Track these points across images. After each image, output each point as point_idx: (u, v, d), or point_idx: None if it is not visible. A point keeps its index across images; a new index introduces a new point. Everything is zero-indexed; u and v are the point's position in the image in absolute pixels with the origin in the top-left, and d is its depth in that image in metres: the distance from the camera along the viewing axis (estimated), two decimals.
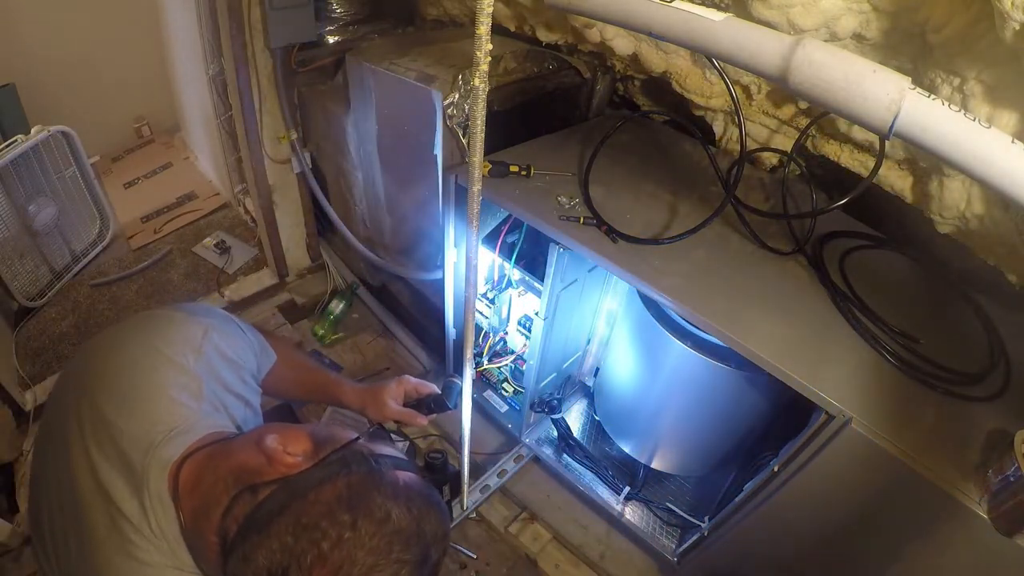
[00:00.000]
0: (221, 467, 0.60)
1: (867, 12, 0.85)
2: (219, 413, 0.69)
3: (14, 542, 1.32)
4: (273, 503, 0.55)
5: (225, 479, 0.58)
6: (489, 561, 1.37)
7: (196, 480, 0.59)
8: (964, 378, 0.85)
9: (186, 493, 0.59)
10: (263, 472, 0.58)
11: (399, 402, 1.04)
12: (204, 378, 0.69)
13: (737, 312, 0.91)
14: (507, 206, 1.10)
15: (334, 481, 0.56)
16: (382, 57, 1.36)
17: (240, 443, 0.63)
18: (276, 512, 0.54)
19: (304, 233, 2.01)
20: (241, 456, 0.60)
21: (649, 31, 0.69)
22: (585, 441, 1.48)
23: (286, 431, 0.61)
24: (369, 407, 1.04)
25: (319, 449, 0.60)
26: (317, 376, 1.06)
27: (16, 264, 1.83)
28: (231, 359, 0.75)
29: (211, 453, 0.61)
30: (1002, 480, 0.68)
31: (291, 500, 0.55)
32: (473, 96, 0.69)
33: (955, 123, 0.56)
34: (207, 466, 0.60)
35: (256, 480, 0.57)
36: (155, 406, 0.63)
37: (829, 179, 1.32)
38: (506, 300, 1.38)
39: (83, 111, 2.46)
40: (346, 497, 0.55)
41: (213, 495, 0.57)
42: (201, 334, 0.72)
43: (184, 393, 0.65)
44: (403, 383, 1.05)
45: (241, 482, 0.57)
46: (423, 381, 1.07)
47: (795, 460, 0.88)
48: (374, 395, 1.03)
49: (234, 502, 0.56)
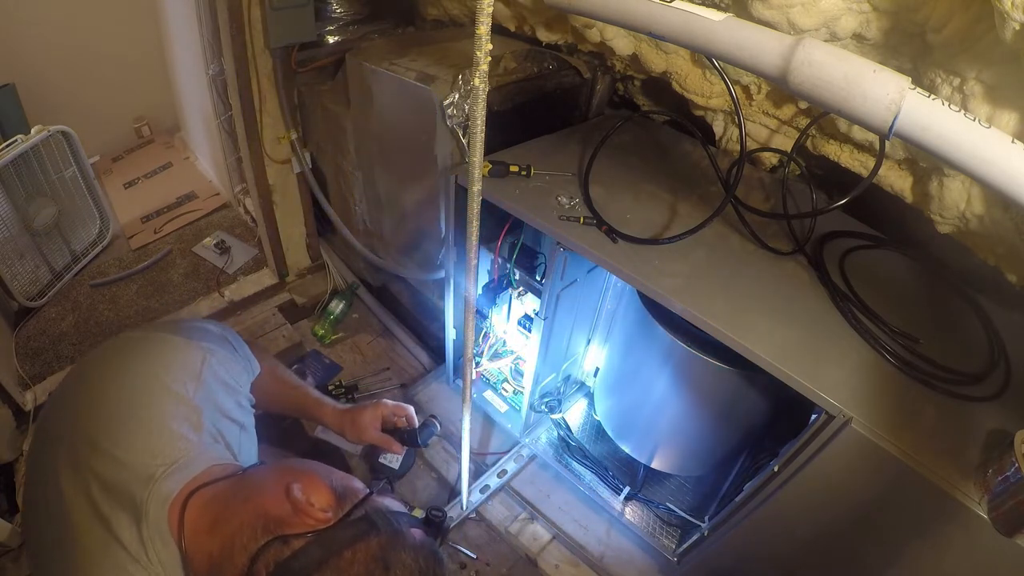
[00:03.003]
0: (244, 511, 0.62)
1: (867, 12, 0.85)
2: (217, 444, 0.71)
3: (14, 542, 1.32)
4: (308, 557, 0.59)
5: (252, 525, 0.61)
6: (489, 561, 1.37)
7: (214, 521, 0.62)
8: (964, 378, 0.85)
9: (201, 532, 0.61)
10: (291, 523, 0.61)
11: (376, 427, 1.06)
12: (203, 408, 0.70)
13: (737, 312, 0.91)
14: (507, 206, 1.10)
15: (367, 540, 0.61)
16: (382, 57, 1.36)
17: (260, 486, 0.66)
18: (313, 567, 0.58)
19: (304, 233, 2.01)
20: (265, 502, 0.63)
21: (649, 31, 0.69)
22: (585, 441, 1.48)
23: (308, 480, 0.65)
24: (348, 430, 1.06)
25: (341, 503, 0.65)
26: (298, 393, 1.08)
27: (16, 264, 1.83)
28: (228, 384, 0.77)
29: (223, 495, 0.64)
30: (1002, 480, 0.68)
31: (328, 556, 0.59)
32: (473, 96, 0.69)
33: (955, 123, 0.56)
34: (224, 508, 0.63)
35: (286, 531, 0.60)
36: (156, 438, 0.65)
37: (829, 179, 1.32)
38: (506, 300, 1.38)
39: (83, 111, 2.46)
40: (380, 557, 0.60)
41: (239, 540, 0.60)
42: (200, 361, 0.74)
43: (184, 425, 0.67)
44: (380, 407, 1.06)
45: (269, 531, 0.60)
46: (400, 404, 1.09)
47: (795, 460, 0.87)
48: (352, 418, 1.05)
49: (264, 550, 0.59)
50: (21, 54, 2.31)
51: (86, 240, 2.14)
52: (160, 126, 2.90)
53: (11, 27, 2.26)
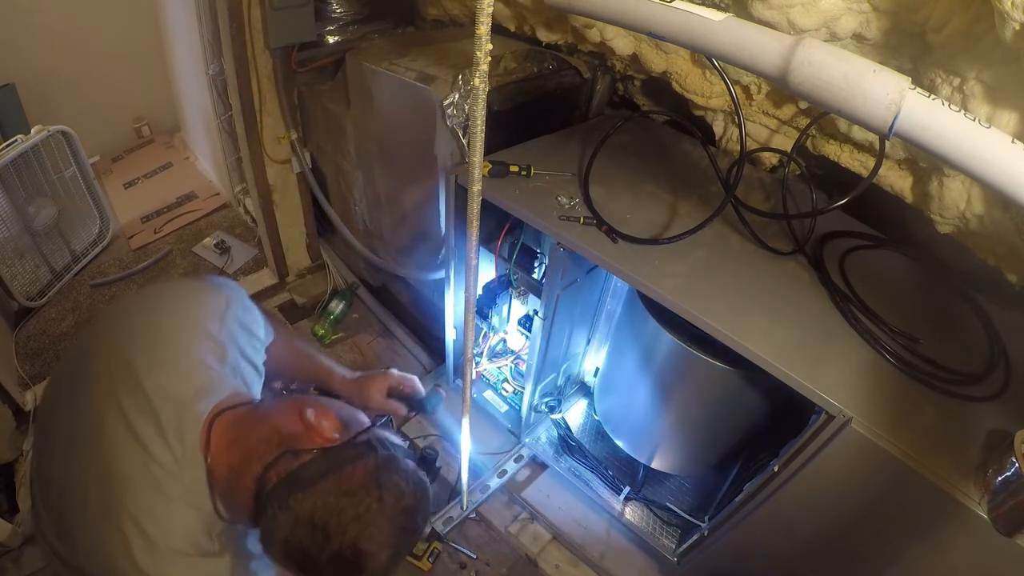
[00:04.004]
0: (261, 428, 0.72)
1: (867, 12, 0.85)
2: (236, 377, 0.80)
3: (14, 542, 1.32)
4: (314, 468, 0.68)
5: (268, 439, 0.71)
6: (489, 561, 1.37)
7: (234, 437, 0.71)
8: (964, 378, 0.85)
9: (223, 447, 0.70)
10: (302, 439, 0.71)
11: (383, 394, 1.12)
12: (227, 345, 0.80)
13: (737, 312, 0.91)
14: (507, 206, 1.10)
15: (365, 460, 0.70)
16: (382, 57, 1.36)
17: (277, 409, 0.76)
18: (319, 476, 0.67)
19: (304, 233, 2.01)
20: (281, 421, 0.73)
21: (649, 31, 0.69)
22: (585, 441, 1.48)
23: (320, 406, 0.74)
24: (356, 396, 1.12)
25: (348, 428, 0.74)
26: (309, 361, 1.15)
27: (16, 264, 1.83)
28: (246, 328, 0.87)
29: (245, 416, 0.73)
30: (1002, 480, 0.68)
31: (331, 469, 0.68)
32: (473, 96, 0.69)
33: (955, 123, 0.56)
34: (245, 426, 0.72)
35: (297, 445, 0.70)
36: (186, 366, 0.74)
37: (829, 179, 1.32)
38: (506, 300, 1.38)
39: (83, 111, 2.46)
40: (375, 475, 0.70)
41: (256, 451, 0.70)
42: (224, 305, 0.83)
43: (210, 356, 0.77)
44: (388, 377, 1.13)
45: (283, 444, 0.70)
46: (406, 375, 1.15)
47: (795, 460, 0.87)
48: (360, 386, 1.12)
49: (277, 460, 0.68)
50: (21, 54, 2.31)
51: (86, 240, 2.14)
52: (160, 126, 2.90)
53: (11, 27, 2.27)
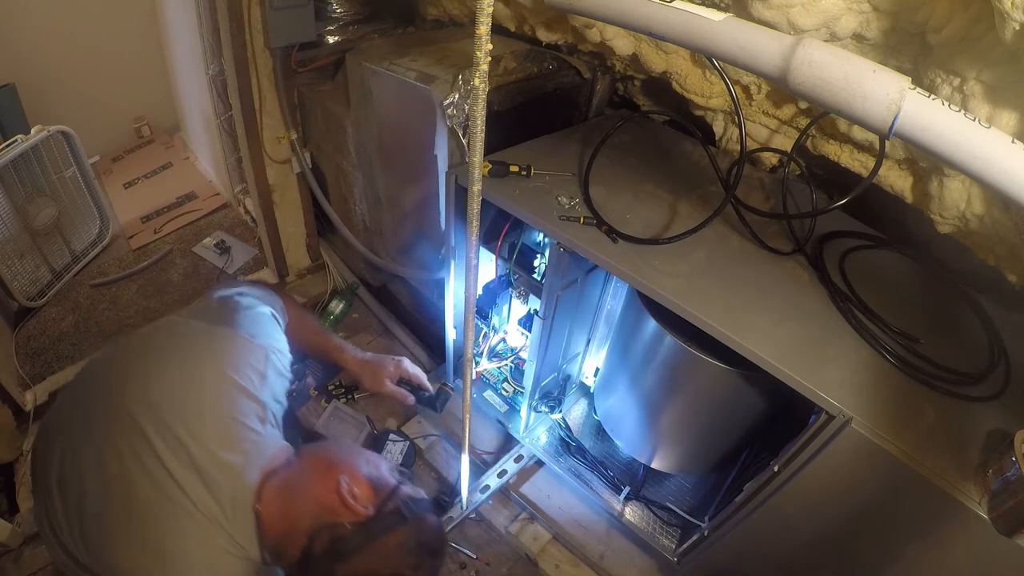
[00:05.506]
0: (304, 499, 0.81)
1: (867, 12, 0.85)
2: (275, 429, 0.87)
3: (14, 542, 1.32)
4: (354, 542, 0.79)
5: (310, 513, 0.80)
6: (489, 561, 1.37)
7: (281, 509, 0.80)
8: (964, 378, 0.85)
9: (275, 517, 0.80)
10: (339, 513, 0.81)
11: (394, 380, 1.17)
12: (267, 402, 0.86)
13: (737, 312, 0.91)
14: (507, 206, 1.10)
15: (397, 530, 0.82)
16: (382, 57, 1.36)
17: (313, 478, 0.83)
18: (357, 549, 0.79)
19: (304, 233, 2.01)
20: (320, 494, 0.82)
21: (649, 31, 0.69)
22: (585, 441, 1.48)
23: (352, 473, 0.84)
24: (366, 378, 1.17)
25: (378, 495, 0.84)
26: (321, 339, 1.20)
27: (16, 264, 1.83)
28: (282, 374, 0.92)
29: (290, 484, 0.82)
30: (1002, 480, 0.68)
31: (368, 542, 0.80)
32: (473, 96, 0.69)
33: (955, 123, 0.56)
34: (288, 498, 0.81)
35: (334, 519, 0.80)
36: (231, 432, 0.81)
37: (829, 179, 1.32)
38: (506, 300, 1.38)
39: (83, 111, 2.46)
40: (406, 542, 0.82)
41: (300, 525, 0.80)
42: (264, 359, 0.88)
43: (254, 418, 0.83)
44: (401, 367, 1.17)
45: (322, 519, 0.80)
46: (418, 371, 1.19)
47: (795, 460, 0.88)
48: (373, 369, 1.16)
49: (318, 533, 0.79)
50: (21, 54, 2.31)
51: (86, 240, 2.14)
52: (160, 126, 2.90)
53: (11, 27, 2.27)
